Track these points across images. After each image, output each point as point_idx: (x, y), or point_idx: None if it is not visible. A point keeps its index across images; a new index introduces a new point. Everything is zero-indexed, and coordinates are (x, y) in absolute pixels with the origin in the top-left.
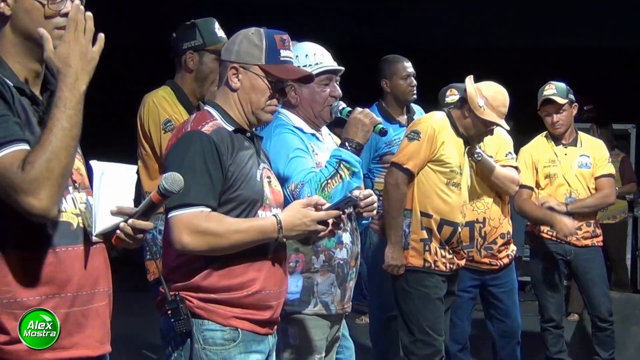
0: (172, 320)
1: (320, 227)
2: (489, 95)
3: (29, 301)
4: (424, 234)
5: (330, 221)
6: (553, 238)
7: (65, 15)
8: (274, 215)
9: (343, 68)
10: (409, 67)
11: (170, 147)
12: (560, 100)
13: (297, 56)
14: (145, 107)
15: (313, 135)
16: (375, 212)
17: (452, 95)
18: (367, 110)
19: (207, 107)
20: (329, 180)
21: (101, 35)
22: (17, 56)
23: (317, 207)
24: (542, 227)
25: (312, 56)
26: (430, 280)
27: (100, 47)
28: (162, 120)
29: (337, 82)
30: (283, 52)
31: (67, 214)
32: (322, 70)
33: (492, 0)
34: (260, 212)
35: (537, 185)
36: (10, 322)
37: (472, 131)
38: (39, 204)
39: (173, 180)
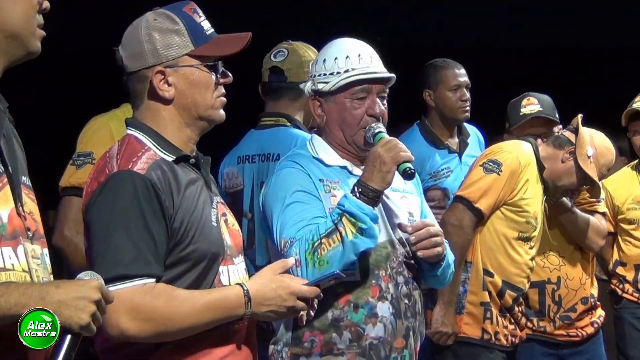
0: None
1: (300, 304)
2: (600, 148)
3: None
4: (486, 297)
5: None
6: None
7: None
8: (239, 284)
9: (392, 75)
10: (461, 75)
11: (92, 195)
12: None
13: (324, 60)
14: (88, 126)
15: (344, 168)
16: (438, 250)
17: (530, 105)
18: (394, 141)
19: (133, 132)
20: (324, 240)
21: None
22: None
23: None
24: (627, 287)
25: (341, 60)
26: (488, 357)
27: (91, 328)
28: (78, 151)
29: (385, 96)
30: (205, 25)
31: (16, 273)
32: (352, 81)
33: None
34: (220, 267)
35: (620, 230)
36: None
37: (563, 181)
38: None
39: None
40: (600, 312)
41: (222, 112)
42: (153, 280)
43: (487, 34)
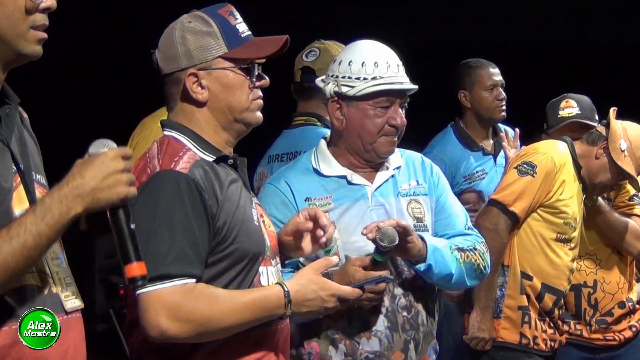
0: None
1: (338, 304)
2: (635, 141)
3: None
4: (524, 300)
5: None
6: None
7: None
8: (279, 284)
9: (415, 87)
10: (495, 74)
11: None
12: None
13: (350, 62)
14: (142, 132)
15: (343, 177)
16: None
17: (568, 108)
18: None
19: (171, 133)
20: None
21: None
22: None
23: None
24: None
25: (370, 66)
26: None
27: (131, 193)
28: None
29: (404, 106)
30: (240, 28)
31: (33, 275)
32: (379, 90)
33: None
34: (260, 267)
35: None
36: None
37: (599, 178)
38: None
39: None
40: (639, 316)
41: (258, 114)
42: (194, 280)
43: (519, 33)
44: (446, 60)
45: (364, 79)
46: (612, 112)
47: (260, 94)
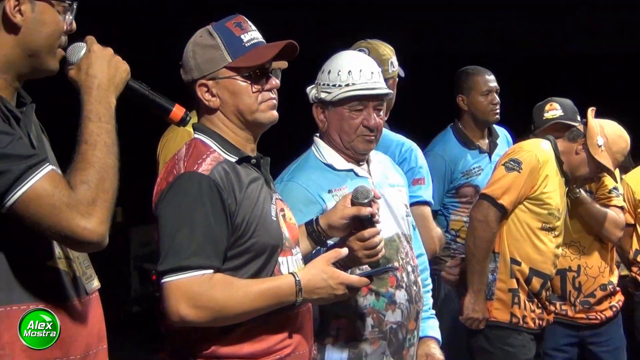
0: None
1: (347, 292)
2: (611, 137)
3: None
4: (514, 284)
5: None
6: None
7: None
8: (291, 273)
9: (389, 92)
10: (491, 80)
11: (161, 194)
12: None
13: (329, 71)
14: (170, 133)
15: (350, 171)
16: (378, 255)
17: (552, 110)
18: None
19: (199, 135)
20: None
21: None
22: (3, 72)
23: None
24: None
25: (344, 74)
26: (517, 339)
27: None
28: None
29: (381, 109)
30: (245, 37)
31: (62, 261)
32: (351, 95)
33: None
34: (280, 258)
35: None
36: None
37: (580, 172)
38: (98, 229)
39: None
40: (619, 297)
41: (270, 113)
42: (211, 271)
43: (512, 43)
44: (446, 69)
45: (339, 85)
46: (591, 111)
47: (271, 95)
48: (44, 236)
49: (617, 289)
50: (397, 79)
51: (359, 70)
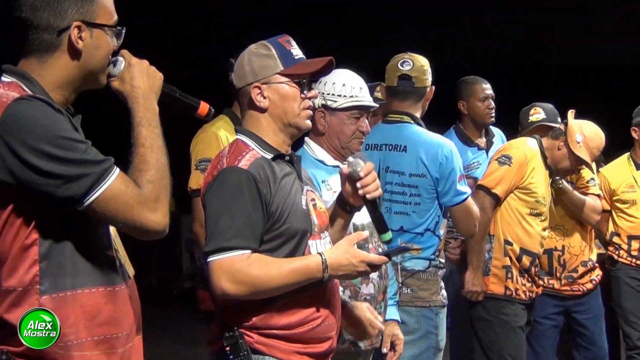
0: (231, 357)
1: (368, 269)
2: (588, 135)
3: (87, 342)
4: (507, 261)
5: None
6: (633, 264)
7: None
8: (319, 253)
9: (377, 105)
10: (487, 88)
11: (207, 185)
12: None
13: (333, 83)
14: (201, 134)
15: (336, 167)
16: (378, 191)
17: (536, 114)
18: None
19: (240, 136)
20: None
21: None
22: (64, 89)
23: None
24: (622, 253)
25: (348, 87)
26: (510, 308)
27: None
28: (199, 158)
29: (368, 117)
30: (294, 52)
31: (110, 250)
32: (354, 105)
33: (561, 21)
34: (310, 241)
35: (615, 208)
36: None
37: (561, 165)
38: (163, 220)
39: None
40: (598, 272)
41: (307, 121)
42: (249, 251)
43: (507, 55)
44: (450, 78)
45: (344, 96)
46: (570, 113)
47: (310, 104)
48: (104, 229)
49: (596, 265)
50: (433, 88)
51: (359, 86)
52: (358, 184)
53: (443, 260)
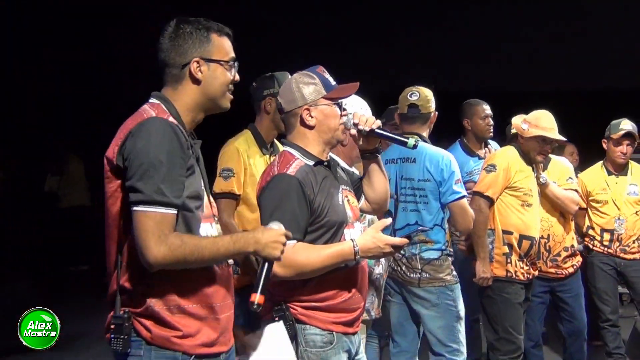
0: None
1: (392, 250)
2: (532, 119)
3: (196, 308)
4: (506, 249)
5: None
6: (605, 252)
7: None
8: (351, 239)
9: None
10: (487, 109)
11: (262, 189)
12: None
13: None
14: (225, 147)
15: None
16: (375, 123)
17: (513, 128)
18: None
19: (287, 148)
20: None
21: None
22: (191, 110)
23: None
24: (596, 243)
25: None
26: (511, 288)
27: (280, 256)
28: (222, 167)
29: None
30: (330, 79)
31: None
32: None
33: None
34: (345, 230)
35: (591, 207)
36: (181, 321)
37: (532, 154)
38: (156, 263)
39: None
40: (579, 258)
41: (344, 135)
42: (294, 241)
43: (502, 82)
44: (456, 100)
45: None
46: (513, 119)
47: (344, 120)
48: (197, 222)
49: (577, 252)
50: (436, 113)
51: (359, 107)
52: (359, 127)
53: (451, 250)
